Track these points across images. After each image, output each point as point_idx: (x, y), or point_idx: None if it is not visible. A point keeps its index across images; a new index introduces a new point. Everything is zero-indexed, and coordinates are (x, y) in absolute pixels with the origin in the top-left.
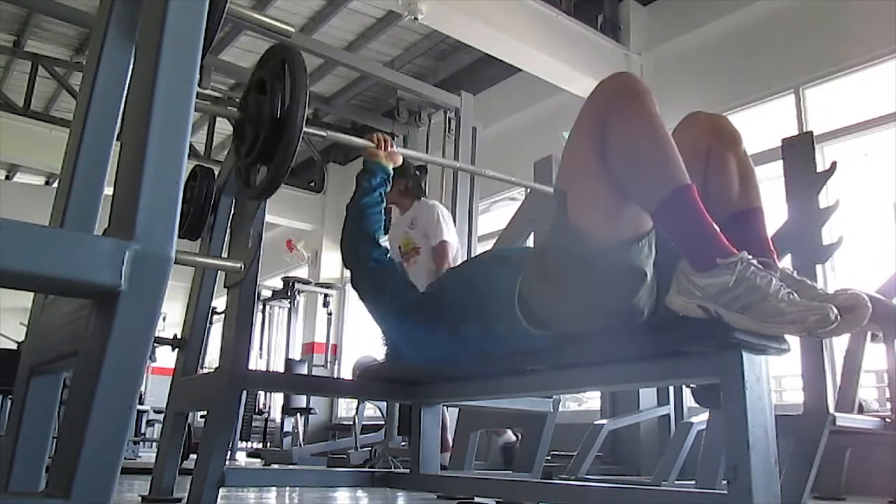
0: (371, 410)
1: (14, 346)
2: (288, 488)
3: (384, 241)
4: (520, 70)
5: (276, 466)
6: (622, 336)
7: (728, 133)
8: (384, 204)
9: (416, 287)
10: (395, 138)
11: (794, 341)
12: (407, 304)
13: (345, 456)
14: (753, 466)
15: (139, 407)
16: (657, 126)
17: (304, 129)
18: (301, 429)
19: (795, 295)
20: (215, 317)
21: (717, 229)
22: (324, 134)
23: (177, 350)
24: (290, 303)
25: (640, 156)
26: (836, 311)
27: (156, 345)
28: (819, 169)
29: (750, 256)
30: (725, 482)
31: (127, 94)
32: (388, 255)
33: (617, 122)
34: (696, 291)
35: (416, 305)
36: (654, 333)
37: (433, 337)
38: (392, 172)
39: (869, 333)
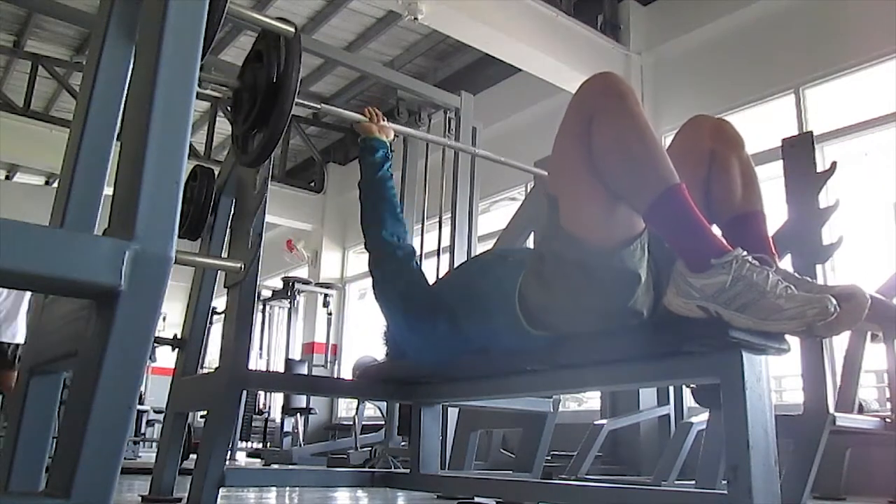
0: (371, 410)
1: None
2: (288, 488)
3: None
4: (520, 70)
5: (276, 466)
6: (622, 336)
7: (731, 137)
8: (393, 178)
9: (428, 280)
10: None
11: (794, 341)
12: (418, 295)
13: (345, 456)
14: (753, 466)
15: (139, 407)
16: (643, 127)
17: (297, 99)
18: (301, 429)
19: (793, 288)
20: (215, 317)
21: (710, 228)
22: (318, 106)
23: (177, 350)
24: (290, 303)
25: (627, 158)
26: (834, 301)
27: (156, 345)
28: (819, 169)
29: (745, 253)
30: (725, 482)
31: (127, 94)
32: (408, 234)
33: (602, 124)
34: (694, 292)
35: (425, 299)
36: (653, 334)
37: (436, 333)
38: (389, 145)
39: (869, 333)
